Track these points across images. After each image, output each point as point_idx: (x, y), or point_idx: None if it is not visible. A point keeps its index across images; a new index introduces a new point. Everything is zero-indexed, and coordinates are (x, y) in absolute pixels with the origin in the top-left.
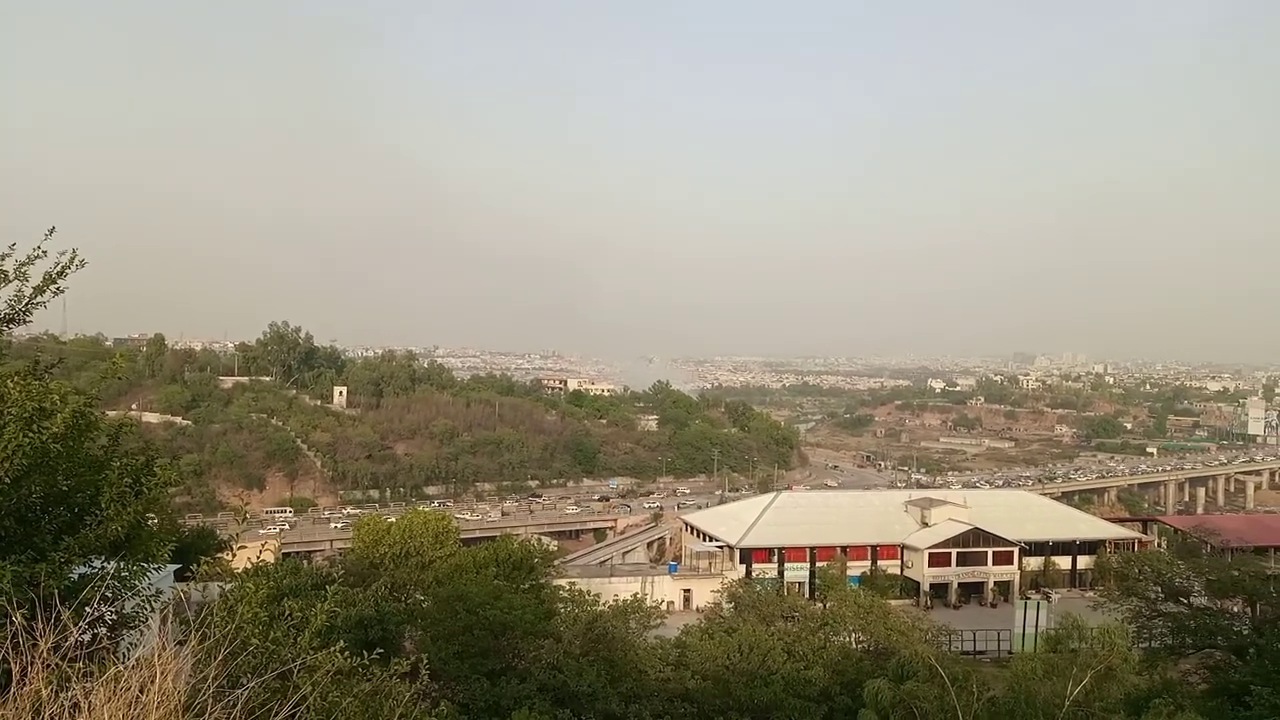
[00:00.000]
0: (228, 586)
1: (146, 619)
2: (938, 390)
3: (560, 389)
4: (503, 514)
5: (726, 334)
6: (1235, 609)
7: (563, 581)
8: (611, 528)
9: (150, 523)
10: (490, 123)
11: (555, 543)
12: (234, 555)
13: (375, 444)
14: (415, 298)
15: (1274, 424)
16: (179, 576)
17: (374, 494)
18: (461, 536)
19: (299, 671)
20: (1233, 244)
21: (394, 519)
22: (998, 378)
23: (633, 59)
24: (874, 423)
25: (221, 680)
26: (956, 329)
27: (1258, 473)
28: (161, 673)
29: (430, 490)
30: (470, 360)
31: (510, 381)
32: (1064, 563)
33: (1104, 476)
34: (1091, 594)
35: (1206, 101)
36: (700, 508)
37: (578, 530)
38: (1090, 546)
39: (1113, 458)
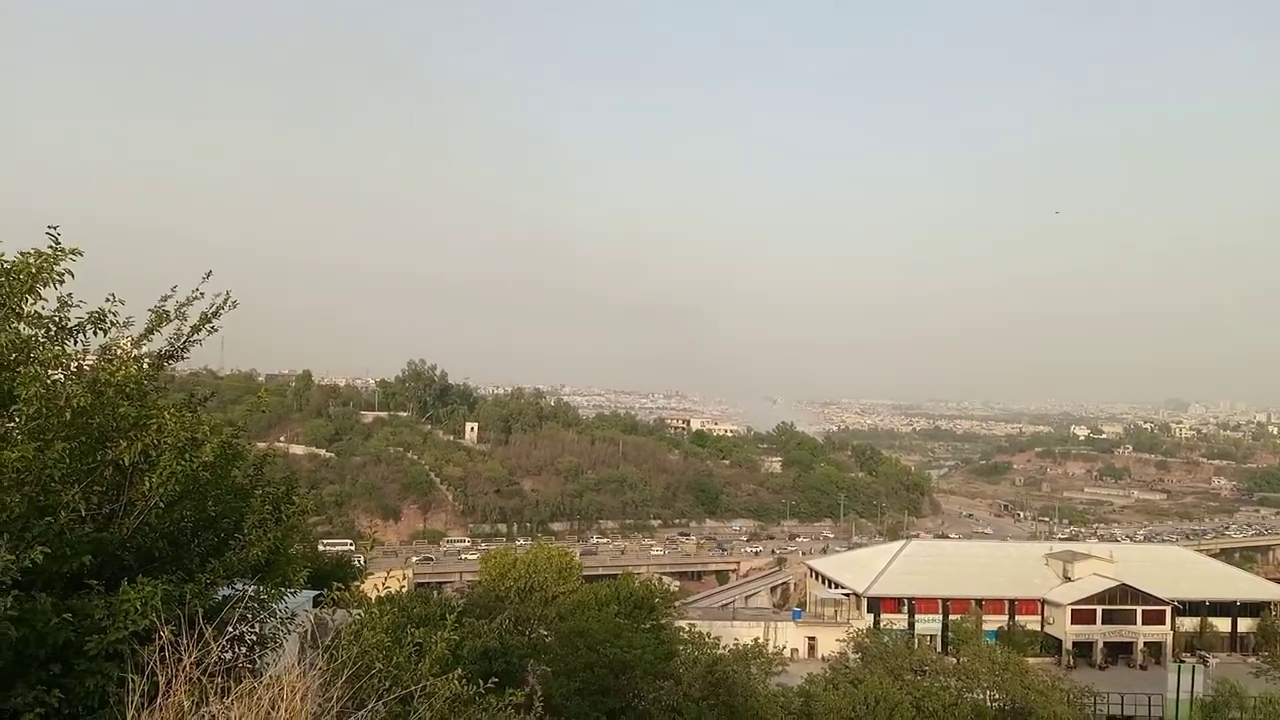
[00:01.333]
0: (355, 613)
1: (283, 640)
2: (1081, 437)
3: (683, 429)
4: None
5: (853, 375)
6: None
7: (683, 623)
8: (734, 570)
9: (291, 549)
10: (608, 170)
11: (677, 583)
12: (361, 583)
13: (504, 479)
14: (543, 340)
15: None
16: (316, 602)
17: (502, 528)
18: (584, 573)
19: (419, 696)
20: None
21: (520, 553)
22: (1147, 425)
23: (747, 99)
24: (1012, 470)
25: (346, 701)
26: (1102, 372)
27: None
28: (290, 691)
29: (555, 526)
30: (595, 399)
31: (634, 420)
32: (1222, 625)
33: (1268, 533)
34: (1254, 659)
35: None
36: (825, 552)
37: (700, 571)
38: (1253, 608)
39: (1278, 513)
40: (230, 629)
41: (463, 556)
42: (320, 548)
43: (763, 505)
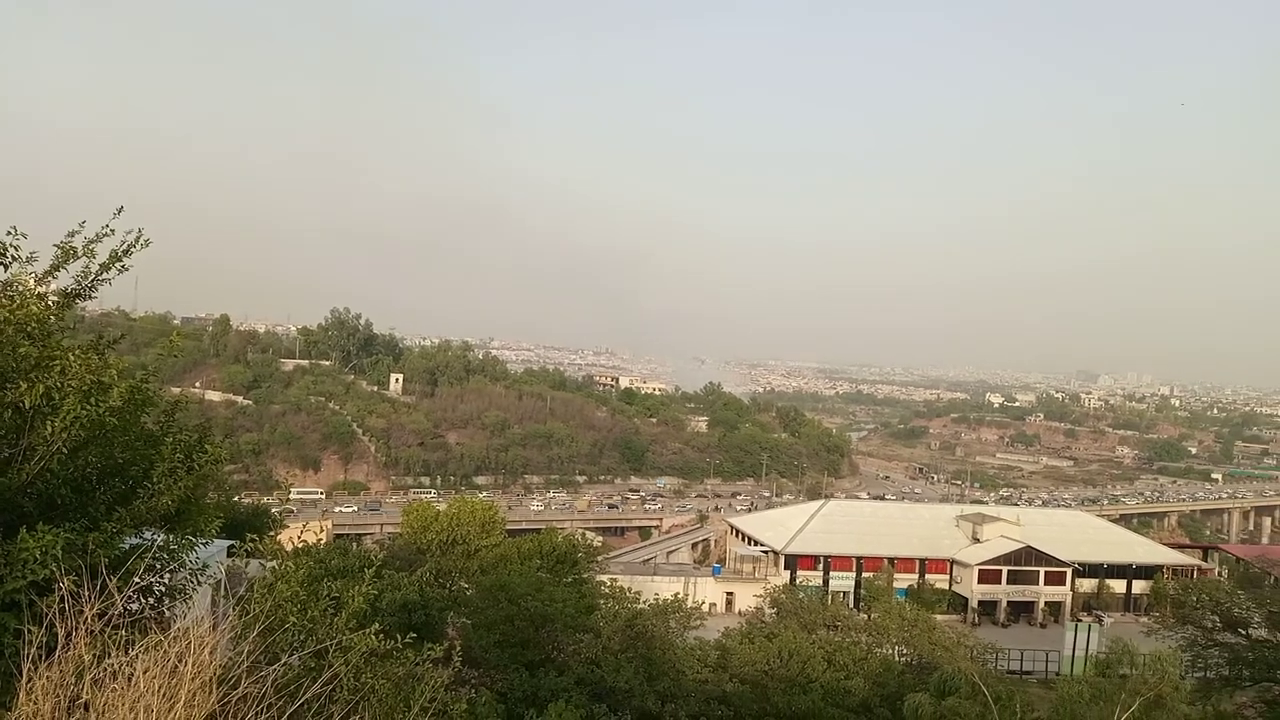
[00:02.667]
0: (270, 565)
1: (193, 592)
2: (996, 405)
3: (612, 386)
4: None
5: (781, 338)
6: None
7: (605, 577)
8: (657, 527)
9: (205, 498)
10: (555, 122)
11: (600, 538)
12: (278, 534)
13: (428, 432)
14: (473, 294)
15: None
16: (230, 553)
17: (425, 481)
18: (508, 527)
19: (334, 651)
20: None
21: (442, 506)
22: (1059, 395)
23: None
24: (928, 435)
25: (257, 655)
26: (1017, 346)
27: None
28: (199, 644)
29: (480, 480)
30: (524, 353)
31: (563, 376)
32: (1118, 586)
33: (1164, 501)
34: (1146, 620)
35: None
36: (746, 509)
37: (623, 527)
38: (1147, 571)
39: (1175, 482)
40: (136, 579)
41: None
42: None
43: (688, 463)
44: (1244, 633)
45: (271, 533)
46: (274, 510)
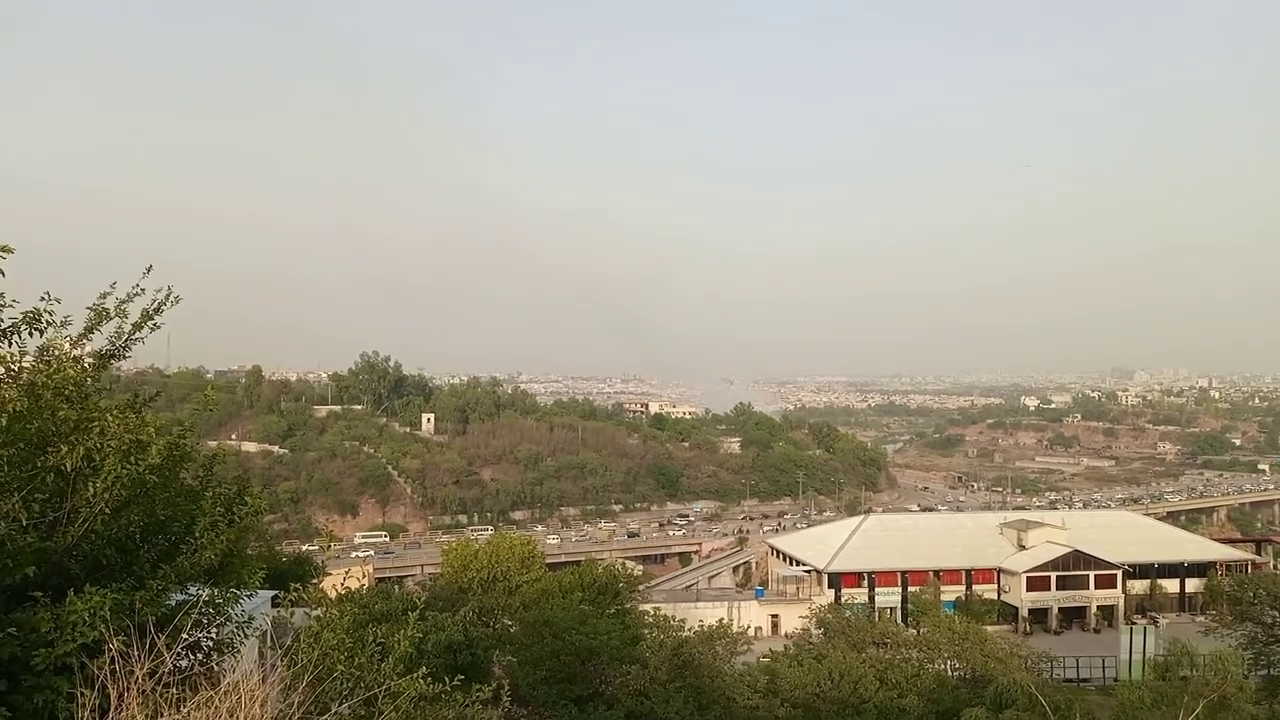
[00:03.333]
0: (315, 613)
1: (240, 645)
2: (1031, 408)
3: (642, 412)
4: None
5: (809, 354)
6: None
7: (648, 607)
8: (696, 552)
9: (246, 550)
10: (565, 149)
11: (640, 567)
12: (320, 581)
13: (462, 470)
14: (498, 329)
15: None
16: (274, 603)
17: (462, 519)
18: (547, 561)
19: (383, 697)
20: None
21: (481, 544)
22: (1095, 394)
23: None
24: (965, 442)
25: (307, 705)
26: (1051, 345)
27: None
28: (249, 698)
29: (516, 515)
30: (553, 385)
31: (592, 405)
32: (1171, 586)
33: (1211, 495)
34: (1202, 619)
35: None
36: (785, 529)
37: (663, 555)
38: (1199, 569)
39: (1221, 475)
40: (184, 636)
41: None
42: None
43: (723, 486)
44: None
45: (315, 580)
46: (321, 557)
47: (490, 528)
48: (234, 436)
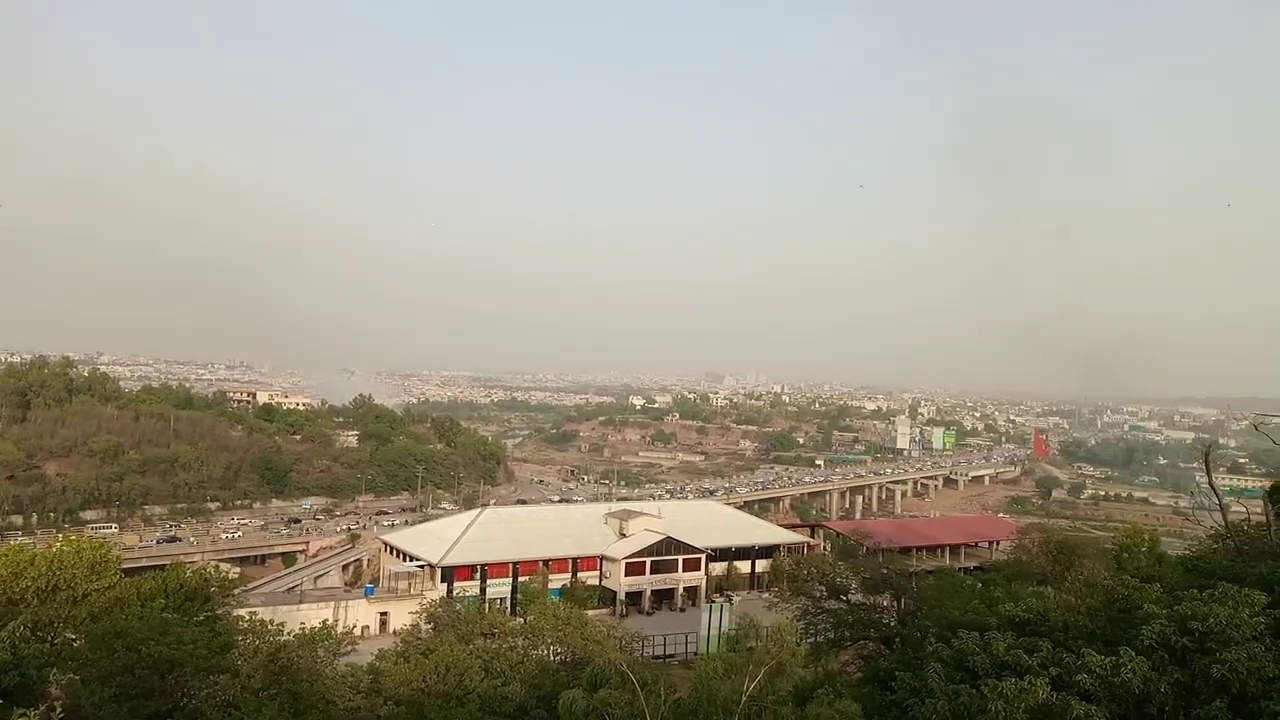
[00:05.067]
0: None
1: None
2: (638, 407)
3: (248, 402)
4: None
5: (434, 347)
6: (885, 604)
7: (244, 611)
8: (303, 551)
9: None
10: (180, 106)
11: (238, 569)
12: None
13: (20, 463)
14: (76, 302)
15: (917, 440)
16: None
17: (16, 520)
18: (124, 566)
19: None
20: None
21: (40, 548)
22: (691, 395)
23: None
24: (579, 438)
25: None
26: (657, 345)
27: (904, 482)
28: None
29: (88, 515)
30: (141, 369)
31: (189, 394)
32: (745, 567)
33: (778, 486)
34: (767, 595)
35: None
36: (400, 525)
37: (264, 555)
38: (767, 551)
39: (788, 469)
40: None
41: None
42: None
43: (337, 481)
44: (845, 599)
45: None
46: None
47: (54, 529)
48: None
